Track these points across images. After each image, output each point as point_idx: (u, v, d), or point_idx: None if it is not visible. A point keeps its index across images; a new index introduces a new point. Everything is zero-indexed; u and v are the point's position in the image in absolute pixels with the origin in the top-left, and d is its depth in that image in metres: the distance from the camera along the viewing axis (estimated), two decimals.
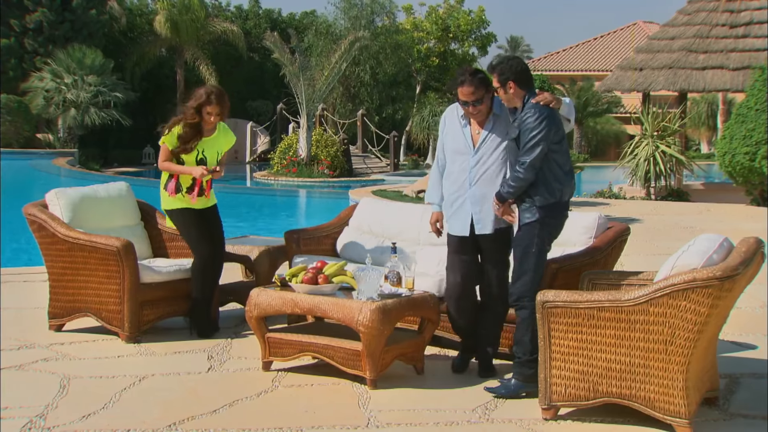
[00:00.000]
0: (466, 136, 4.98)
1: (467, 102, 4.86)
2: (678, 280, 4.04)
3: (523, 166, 4.67)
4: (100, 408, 4.56)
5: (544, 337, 4.38)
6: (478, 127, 4.98)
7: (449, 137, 5.07)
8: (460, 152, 4.99)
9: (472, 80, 4.82)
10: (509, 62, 4.79)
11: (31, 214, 6.16)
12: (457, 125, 5.03)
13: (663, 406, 4.14)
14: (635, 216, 12.87)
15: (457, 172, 5.00)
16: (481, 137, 4.96)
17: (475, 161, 4.94)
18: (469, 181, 4.95)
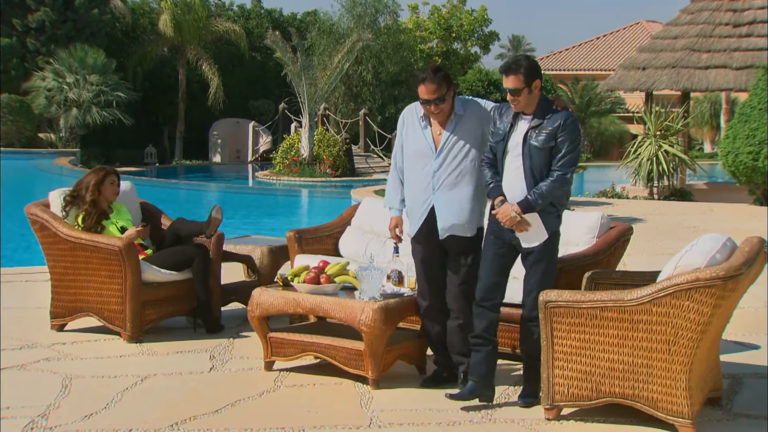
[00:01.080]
0: (427, 138, 4.74)
1: (429, 100, 4.62)
2: (681, 279, 4.03)
3: (566, 176, 4.43)
4: (102, 408, 4.55)
5: (547, 337, 4.37)
6: (440, 128, 4.74)
7: (409, 139, 4.83)
8: (421, 155, 4.75)
9: (434, 77, 4.59)
10: (531, 61, 4.53)
11: (33, 213, 6.16)
12: (417, 126, 4.79)
13: (666, 407, 4.13)
14: (638, 216, 12.85)
15: (420, 176, 4.76)
16: (443, 138, 4.72)
17: (438, 164, 4.70)
18: (433, 186, 4.72)
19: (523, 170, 4.46)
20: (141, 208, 6.68)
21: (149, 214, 6.67)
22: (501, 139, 4.51)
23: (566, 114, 4.43)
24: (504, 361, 5.36)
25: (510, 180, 4.51)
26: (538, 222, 4.43)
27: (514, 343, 5.31)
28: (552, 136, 4.40)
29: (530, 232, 4.46)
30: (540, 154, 4.41)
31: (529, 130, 4.44)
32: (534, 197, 4.41)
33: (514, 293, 5.30)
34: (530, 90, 4.42)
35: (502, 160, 4.52)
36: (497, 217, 4.49)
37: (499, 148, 4.53)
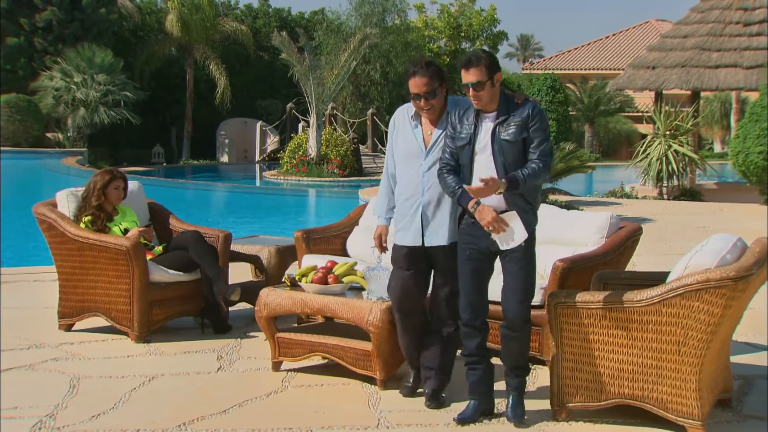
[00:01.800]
0: (417, 138, 4.54)
1: (419, 95, 4.40)
2: (691, 280, 4.00)
3: (548, 165, 4.23)
4: (109, 408, 4.55)
5: (556, 338, 4.35)
6: (431, 127, 4.53)
7: (400, 140, 4.62)
8: (411, 155, 4.54)
9: (425, 71, 4.39)
10: (490, 54, 4.33)
11: (41, 213, 6.17)
12: (407, 127, 4.59)
13: (676, 408, 4.11)
14: (647, 216, 12.80)
15: (410, 177, 4.54)
16: (434, 138, 4.50)
17: (429, 164, 4.48)
18: (423, 186, 4.49)
19: (497, 170, 4.21)
20: (149, 208, 6.68)
21: (157, 214, 6.67)
22: (467, 143, 4.28)
23: (532, 104, 4.26)
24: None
25: None
26: (517, 220, 4.19)
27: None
28: (523, 127, 4.20)
29: (509, 233, 4.19)
30: (512, 149, 4.20)
31: (496, 126, 4.23)
32: (521, 174, 4.14)
33: None
34: (492, 83, 4.22)
35: (470, 165, 4.28)
36: (478, 216, 4.18)
37: (465, 153, 4.29)
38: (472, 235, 4.31)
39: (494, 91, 4.23)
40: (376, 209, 4.81)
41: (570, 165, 11.89)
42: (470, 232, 4.31)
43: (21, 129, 25.52)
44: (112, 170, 6.38)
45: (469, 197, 4.19)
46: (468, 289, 4.37)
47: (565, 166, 11.70)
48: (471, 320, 4.39)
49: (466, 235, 4.35)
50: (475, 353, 4.44)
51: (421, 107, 4.46)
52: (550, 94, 18.75)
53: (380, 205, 4.77)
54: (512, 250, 4.22)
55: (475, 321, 4.39)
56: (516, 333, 4.33)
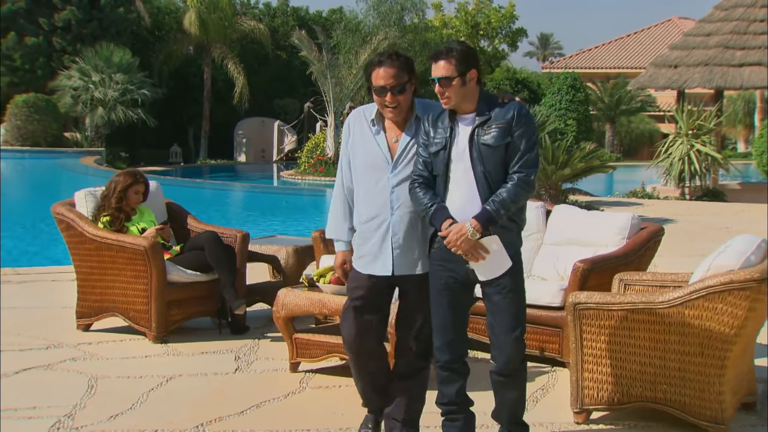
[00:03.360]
0: (381, 146, 3.82)
1: (385, 87, 3.71)
2: (714, 281, 3.94)
3: (530, 179, 3.56)
4: (127, 408, 4.55)
5: (576, 340, 4.31)
6: (396, 132, 3.83)
7: (358, 149, 3.88)
8: (374, 167, 3.81)
9: (394, 61, 3.74)
10: (466, 46, 3.70)
11: (60, 213, 6.18)
12: (367, 133, 3.86)
13: (699, 411, 4.05)
14: (669, 216, 12.71)
15: (374, 193, 3.82)
16: (401, 145, 3.80)
17: (398, 178, 3.77)
18: (392, 204, 3.78)
19: (476, 180, 3.58)
20: (167, 208, 6.68)
21: (175, 215, 6.67)
22: (442, 148, 3.63)
23: (518, 105, 3.62)
24: (531, 363, 5.27)
25: (459, 197, 3.61)
26: (498, 246, 3.55)
27: (542, 345, 5.25)
28: (505, 130, 3.55)
29: (489, 261, 3.55)
30: (493, 155, 3.56)
31: (475, 129, 3.59)
32: (494, 206, 3.51)
33: (540, 294, 5.25)
34: (464, 81, 3.58)
35: (445, 174, 3.63)
36: (446, 241, 3.54)
37: (440, 160, 3.64)
38: (446, 260, 3.64)
39: (467, 90, 3.59)
40: (332, 231, 4.06)
41: (590, 165, 11.81)
42: (444, 256, 3.63)
43: (39, 128, 25.69)
44: (135, 173, 6.37)
45: (442, 215, 3.58)
46: (445, 325, 3.71)
47: (585, 165, 11.62)
48: (450, 362, 3.75)
49: (439, 260, 3.68)
50: (454, 401, 3.80)
51: (385, 104, 3.76)
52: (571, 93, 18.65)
53: (338, 227, 4.02)
54: (497, 281, 3.60)
55: (455, 363, 3.76)
56: (511, 378, 3.70)
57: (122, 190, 6.15)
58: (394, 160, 3.79)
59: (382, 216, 3.80)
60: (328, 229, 4.08)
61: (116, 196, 6.13)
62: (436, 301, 3.72)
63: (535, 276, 5.76)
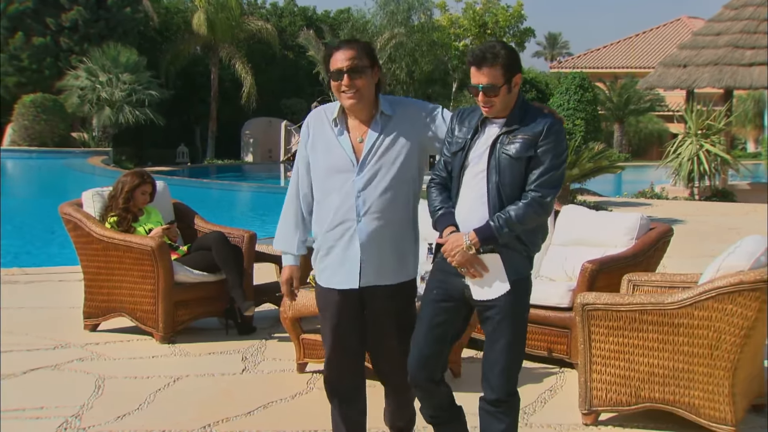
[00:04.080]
0: (345, 147, 3.47)
1: (342, 70, 3.37)
2: (724, 282, 3.92)
3: (545, 200, 3.23)
4: (134, 408, 4.55)
5: (584, 341, 4.28)
6: (361, 130, 3.49)
7: (318, 151, 3.52)
8: (337, 169, 3.46)
9: (351, 44, 3.44)
10: (510, 49, 3.33)
11: (67, 213, 6.19)
12: (328, 134, 3.51)
13: (708, 413, 4.03)
14: (678, 217, 12.66)
15: (338, 199, 3.46)
16: (367, 145, 3.45)
17: (364, 182, 3.42)
18: (358, 210, 3.43)
19: (487, 190, 3.27)
20: (174, 209, 6.68)
21: (182, 215, 6.67)
22: (460, 149, 3.34)
23: (551, 118, 3.29)
24: (539, 365, 5.29)
25: (467, 204, 3.32)
26: (498, 265, 3.27)
27: (549, 346, 5.23)
28: (531, 143, 3.24)
29: (486, 279, 3.28)
30: (512, 167, 3.24)
31: (500, 136, 3.29)
32: (498, 223, 3.20)
33: (548, 295, 5.23)
34: (510, 88, 3.28)
35: (459, 177, 3.35)
36: (442, 249, 3.30)
37: (457, 161, 3.35)
38: (445, 271, 3.36)
39: (510, 97, 3.30)
40: (281, 243, 3.69)
41: (599, 165, 11.77)
42: (444, 267, 3.35)
43: (47, 128, 25.75)
44: (143, 174, 6.36)
45: (446, 222, 3.33)
46: (424, 338, 3.38)
47: (594, 166, 11.58)
48: (424, 380, 3.41)
49: (438, 272, 3.41)
50: (438, 414, 3.54)
51: (344, 90, 3.41)
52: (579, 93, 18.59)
53: (288, 238, 3.66)
54: (492, 303, 3.29)
55: (428, 383, 3.43)
56: (498, 410, 3.37)
57: (129, 191, 6.15)
58: (360, 161, 3.44)
59: (347, 223, 3.44)
60: (276, 240, 3.70)
61: (123, 196, 6.13)
62: (422, 312, 3.43)
63: (543, 276, 5.74)
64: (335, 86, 3.42)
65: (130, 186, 6.16)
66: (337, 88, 3.42)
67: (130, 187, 6.16)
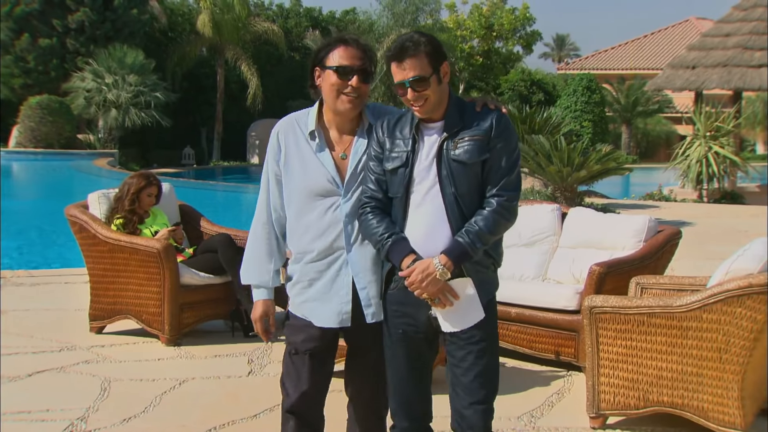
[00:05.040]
0: (327, 165, 3.02)
1: (352, 68, 2.97)
2: (733, 285, 3.89)
3: (511, 204, 2.89)
4: (140, 411, 4.53)
5: (592, 344, 4.26)
6: (344, 146, 3.05)
7: (295, 170, 3.06)
8: (320, 193, 3.02)
9: (359, 44, 3.04)
10: (431, 37, 2.93)
11: (73, 215, 6.18)
12: (305, 149, 3.05)
13: (717, 417, 3.99)
14: (687, 219, 12.62)
15: (321, 225, 3.02)
16: (352, 162, 3.02)
17: (351, 206, 3.00)
18: (347, 239, 3.01)
19: (445, 204, 2.85)
20: (180, 211, 6.67)
21: (188, 217, 6.66)
22: (402, 165, 2.88)
23: (496, 113, 2.90)
24: (547, 368, 5.26)
25: (422, 225, 2.87)
26: (472, 291, 2.85)
27: (557, 349, 5.20)
28: (482, 143, 2.85)
29: (458, 308, 2.85)
30: (467, 174, 2.84)
31: (444, 142, 2.87)
32: (469, 239, 2.81)
33: (556, 297, 5.21)
34: (439, 78, 2.87)
35: (404, 199, 2.89)
36: (408, 282, 2.82)
37: (398, 180, 2.89)
38: (404, 303, 2.93)
39: (442, 90, 2.90)
40: (250, 275, 3.21)
41: (606, 167, 11.72)
42: (402, 299, 2.92)
43: (53, 130, 25.80)
44: (148, 176, 6.35)
45: (402, 249, 2.84)
46: (403, 382, 3.02)
47: (601, 168, 11.53)
48: (410, 429, 3.09)
49: (396, 304, 2.96)
50: None
51: (344, 92, 2.98)
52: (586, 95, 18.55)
53: (260, 268, 3.19)
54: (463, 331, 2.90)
55: (414, 423, 3.09)
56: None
57: (135, 193, 6.14)
58: (345, 181, 3.01)
59: (335, 253, 3.02)
60: (245, 272, 3.21)
61: (129, 198, 6.13)
62: (391, 354, 3.01)
63: (550, 279, 5.71)
64: (338, 84, 2.97)
65: (136, 188, 6.15)
66: (339, 88, 2.97)
67: (136, 189, 6.15)
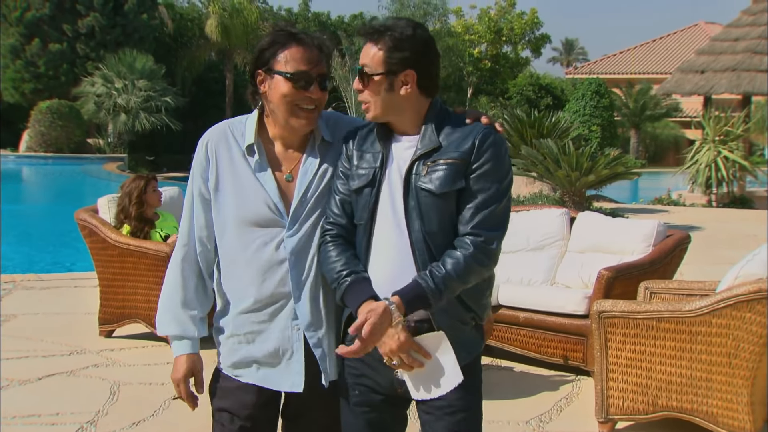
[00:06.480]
0: (268, 189, 2.39)
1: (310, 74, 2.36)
2: (742, 290, 3.87)
3: (490, 246, 2.25)
4: (149, 415, 4.54)
5: (601, 348, 4.25)
6: (290, 164, 2.44)
7: (227, 192, 2.42)
8: (256, 222, 2.39)
9: (314, 39, 2.42)
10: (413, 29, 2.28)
11: (83, 219, 6.21)
12: (241, 168, 2.42)
13: (727, 422, 3.98)
14: (696, 224, 12.57)
15: (258, 264, 2.39)
16: (300, 186, 2.41)
17: (298, 240, 2.38)
18: (295, 284, 2.38)
19: (411, 242, 2.26)
20: None
21: None
22: (367, 183, 2.32)
23: (484, 129, 2.27)
24: (555, 372, 5.25)
25: (386, 264, 2.31)
26: (445, 349, 2.26)
27: (566, 353, 5.19)
28: (458, 170, 2.23)
29: (428, 371, 2.27)
30: (438, 207, 2.25)
31: (414, 163, 2.28)
32: (432, 282, 2.20)
33: (564, 302, 5.20)
34: (390, 84, 2.27)
35: (368, 225, 2.32)
36: (365, 334, 2.17)
37: (363, 203, 2.32)
38: (365, 362, 2.36)
39: (394, 99, 2.29)
40: (170, 324, 2.55)
41: (615, 171, 11.69)
42: (362, 357, 2.29)
43: (63, 135, 25.93)
44: (143, 175, 6.35)
45: (361, 293, 2.25)
46: None
47: (610, 172, 11.51)
48: None
49: (356, 362, 2.38)
50: None
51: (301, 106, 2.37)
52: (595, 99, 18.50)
53: (178, 316, 2.54)
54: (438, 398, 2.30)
55: None
56: None
57: (140, 195, 6.11)
58: (292, 210, 2.39)
59: (279, 301, 2.40)
60: (161, 319, 2.55)
61: (135, 203, 6.11)
62: (350, 424, 2.44)
63: (559, 283, 5.70)
64: (294, 95, 2.36)
65: (139, 190, 6.12)
66: (295, 100, 2.36)
67: (138, 191, 6.11)
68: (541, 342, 5.28)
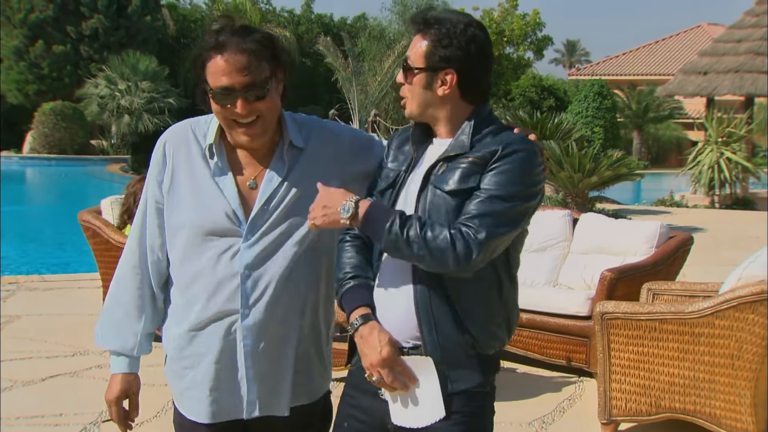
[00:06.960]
0: (226, 193, 2.19)
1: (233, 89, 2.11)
2: (745, 291, 3.87)
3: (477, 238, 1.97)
4: (152, 416, 4.54)
5: (604, 350, 4.25)
6: (255, 170, 2.22)
7: (182, 196, 2.22)
8: (211, 230, 2.18)
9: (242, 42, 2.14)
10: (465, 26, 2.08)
11: (86, 220, 6.22)
12: (200, 171, 2.22)
13: (730, 423, 3.98)
14: (698, 225, 12.57)
15: (210, 277, 2.18)
16: (263, 194, 2.19)
17: (256, 253, 2.17)
18: (244, 296, 2.16)
19: None
20: None
21: None
22: (389, 186, 2.18)
23: (516, 138, 2.07)
24: (558, 373, 5.25)
25: (389, 275, 2.14)
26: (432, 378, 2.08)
27: (569, 355, 5.19)
28: (475, 168, 2.04)
29: (412, 397, 2.10)
30: (448, 205, 2.05)
31: (436, 164, 2.10)
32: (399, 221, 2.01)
33: (567, 303, 5.20)
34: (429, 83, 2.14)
35: None
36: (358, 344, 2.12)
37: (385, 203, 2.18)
38: (357, 388, 2.22)
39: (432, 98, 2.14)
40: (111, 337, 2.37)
41: (618, 173, 11.71)
42: (356, 383, 2.22)
43: (66, 136, 26.01)
44: (143, 176, 6.34)
45: (356, 300, 2.13)
46: None
47: (612, 173, 11.52)
48: None
49: (350, 389, 2.26)
50: None
51: (234, 120, 2.16)
52: (597, 101, 18.51)
53: (122, 330, 2.35)
54: None
55: None
56: None
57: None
58: (250, 219, 2.18)
59: (227, 318, 2.18)
60: (101, 330, 2.37)
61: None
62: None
63: (562, 285, 5.71)
64: (221, 113, 2.15)
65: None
66: (225, 117, 2.15)
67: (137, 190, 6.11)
68: (543, 343, 5.28)
